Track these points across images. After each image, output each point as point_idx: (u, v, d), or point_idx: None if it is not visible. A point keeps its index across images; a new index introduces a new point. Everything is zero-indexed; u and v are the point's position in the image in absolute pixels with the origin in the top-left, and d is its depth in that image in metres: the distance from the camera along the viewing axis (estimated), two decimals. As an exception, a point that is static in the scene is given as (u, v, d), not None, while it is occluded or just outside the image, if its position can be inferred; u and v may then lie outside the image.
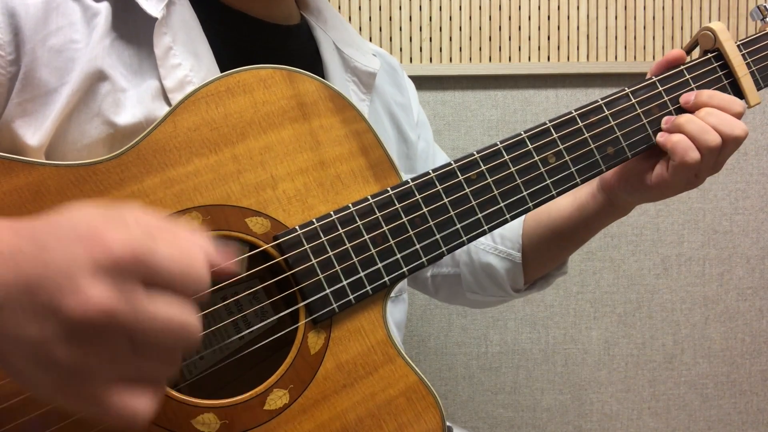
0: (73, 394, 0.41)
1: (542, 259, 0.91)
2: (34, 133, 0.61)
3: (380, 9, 1.40)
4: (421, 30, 1.41)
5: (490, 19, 1.42)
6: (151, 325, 0.40)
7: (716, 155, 0.71)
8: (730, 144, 0.71)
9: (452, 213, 0.65)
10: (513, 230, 0.91)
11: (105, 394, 0.40)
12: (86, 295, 0.38)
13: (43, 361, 0.40)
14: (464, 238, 0.65)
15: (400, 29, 1.41)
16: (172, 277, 0.41)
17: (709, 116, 0.71)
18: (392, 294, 0.65)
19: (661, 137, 0.72)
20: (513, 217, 0.67)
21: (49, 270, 0.39)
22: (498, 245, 0.92)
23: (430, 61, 1.42)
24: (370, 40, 1.39)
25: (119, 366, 0.40)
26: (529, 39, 1.42)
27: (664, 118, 0.72)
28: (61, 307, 0.39)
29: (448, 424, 0.95)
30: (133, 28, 0.66)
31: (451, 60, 1.42)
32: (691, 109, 0.73)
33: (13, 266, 0.40)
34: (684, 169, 0.71)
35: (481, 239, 0.93)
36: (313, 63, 0.82)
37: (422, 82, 1.41)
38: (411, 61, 1.41)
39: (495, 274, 0.92)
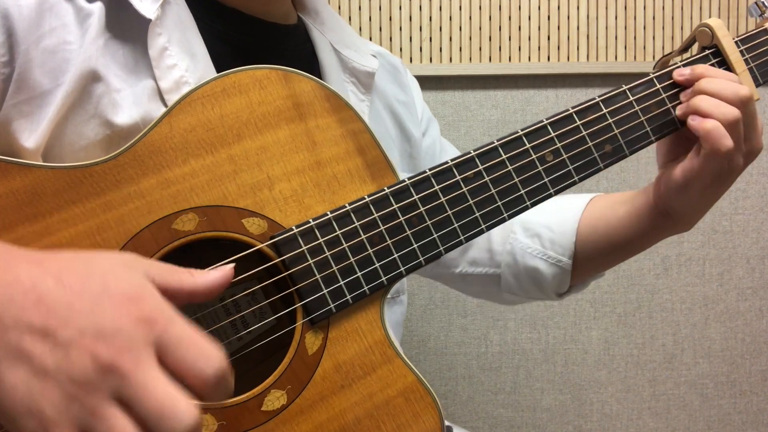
0: (33, 422, 0.41)
1: (593, 266, 0.89)
2: (29, 135, 0.61)
3: (380, 9, 1.40)
4: (421, 30, 1.41)
5: (490, 19, 1.42)
6: (142, 391, 0.41)
7: (737, 128, 0.69)
8: (741, 109, 0.69)
9: (449, 212, 0.65)
10: (565, 235, 0.88)
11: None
12: (103, 345, 0.40)
13: (31, 398, 0.40)
14: (462, 237, 0.65)
15: (400, 29, 1.41)
16: (184, 356, 0.43)
17: (711, 84, 0.70)
18: (390, 295, 0.65)
19: (692, 120, 0.70)
20: (510, 216, 0.67)
21: (75, 314, 0.41)
22: (548, 250, 0.89)
23: (430, 61, 1.42)
24: (370, 40, 1.39)
25: (92, 416, 0.41)
26: (529, 39, 1.42)
27: (683, 93, 0.72)
28: (76, 347, 0.40)
29: (447, 423, 0.95)
30: (127, 28, 0.65)
31: (451, 60, 1.42)
32: (688, 83, 0.72)
33: (34, 298, 0.41)
34: (716, 157, 0.69)
35: (528, 242, 0.91)
36: (310, 64, 0.81)
37: (422, 82, 1.39)
38: (411, 61, 1.41)
39: (540, 279, 0.90)
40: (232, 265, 0.51)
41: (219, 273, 0.50)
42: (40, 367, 0.41)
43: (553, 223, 0.90)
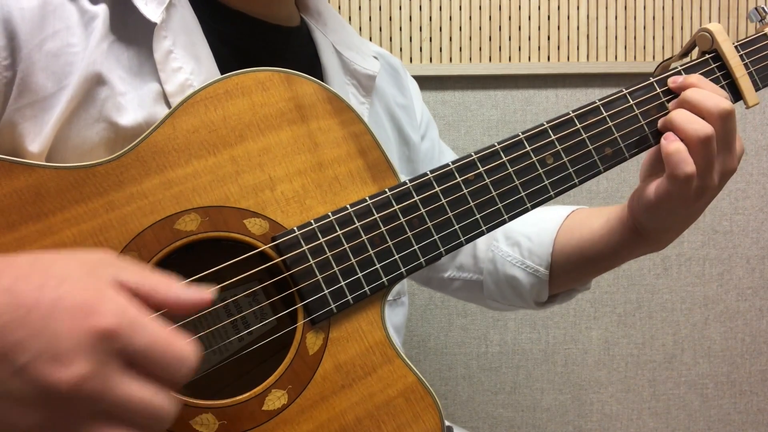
0: None
1: (569, 279, 0.89)
2: (34, 139, 0.60)
3: (380, 9, 1.40)
4: (421, 30, 1.41)
5: (490, 19, 1.42)
6: (122, 405, 0.41)
7: (709, 146, 0.67)
8: (718, 123, 0.67)
9: (450, 214, 0.65)
10: (543, 246, 0.89)
11: None
12: (67, 367, 0.40)
13: (5, 414, 0.41)
14: (462, 239, 0.65)
15: (400, 29, 1.41)
16: (154, 360, 0.43)
17: (695, 93, 0.69)
18: (391, 297, 0.66)
19: (664, 139, 0.69)
20: (511, 218, 0.67)
21: (31, 333, 0.40)
22: (526, 260, 0.90)
23: (430, 61, 1.42)
24: (370, 40, 1.39)
25: None
26: (529, 39, 1.43)
27: (660, 120, 0.72)
28: (38, 372, 0.40)
29: (448, 423, 0.95)
30: (132, 31, 0.65)
31: (451, 60, 1.42)
32: (678, 90, 0.72)
33: None
34: (677, 181, 0.68)
35: (509, 250, 0.92)
36: (312, 65, 0.81)
37: (422, 82, 1.40)
38: (411, 61, 1.41)
39: (519, 287, 0.91)
40: (213, 294, 0.50)
41: (196, 294, 0.48)
42: (8, 393, 0.40)
43: (532, 234, 0.91)
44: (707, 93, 0.69)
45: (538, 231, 0.90)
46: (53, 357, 0.40)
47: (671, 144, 0.68)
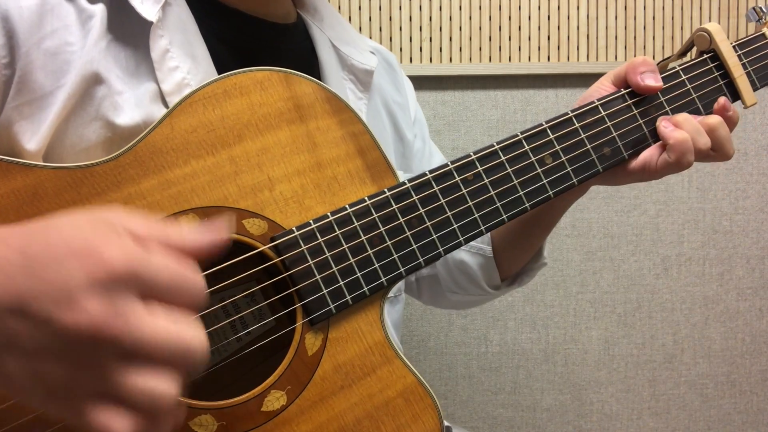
0: (60, 405, 0.41)
1: (513, 250, 0.89)
2: (31, 137, 0.60)
3: (380, 9, 1.40)
4: (421, 30, 1.41)
5: (490, 19, 1.42)
6: (147, 340, 0.40)
7: (700, 159, 0.71)
8: (717, 155, 0.71)
9: (449, 213, 0.65)
10: None
11: (88, 409, 0.40)
12: (81, 309, 0.39)
13: (33, 370, 0.40)
14: (461, 239, 0.65)
15: (400, 29, 1.41)
16: (168, 288, 0.42)
17: (717, 123, 0.71)
18: (390, 294, 0.65)
19: (665, 129, 0.71)
20: (510, 218, 0.67)
21: (43, 284, 0.40)
22: None
23: (430, 61, 1.42)
24: (370, 39, 1.39)
25: (108, 383, 0.40)
26: (529, 39, 1.42)
27: (662, 118, 0.72)
28: (55, 319, 0.39)
29: (447, 424, 0.95)
30: (129, 30, 0.65)
31: (451, 60, 1.42)
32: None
33: (3, 278, 0.40)
34: (675, 168, 0.71)
35: None
36: (310, 62, 0.81)
37: (422, 82, 1.41)
38: (411, 61, 1.41)
39: (469, 271, 0.91)
40: (225, 230, 0.47)
41: (210, 233, 0.46)
42: (31, 348, 0.40)
43: None
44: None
45: None
46: (66, 302, 0.39)
47: (678, 132, 0.70)
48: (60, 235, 0.42)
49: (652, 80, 0.72)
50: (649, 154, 0.72)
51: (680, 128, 0.70)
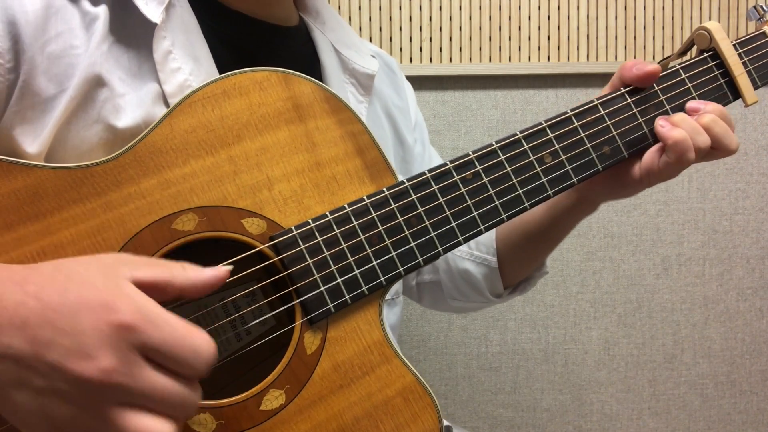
0: None
1: (518, 262, 0.90)
2: (33, 141, 0.60)
3: (380, 9, 1.40)
4: (421, 30, 1.41)
5: (490, 19, 1.42)
6: (149, 391, 0.45)
7: (702, 157, 0.71)
8: (719, 151, 0.71)
9: (448, 212, 0.65)
10: (487, 235, 0.90)
11: None
12: (92, 360, 0.43)
13: (41, 406, 0.44)
14: (460, 238, 0.65)
15: (400, 29, 1.41)
16: (169, 353, 0.46)
17: (711, 121, 0.71)
18: (388, 297, 0.66)
19: (662, 128, 0.70)
20: (509, 217, 0.67)
21: (58, 334, 0.44)
22: (473, 251, 0.92)
23: (430, 61, 1.42)
24: (370, 40, 1.40)
25: (110, 424, 0.44)
26: (529, 39, 1.43)
27: (659, 118, 0.72)
28: (68, 368, 0.43)
29: (447, 423, 0.95)
30: (132, 31, 0.65)
31: (451, 60, 1.42)
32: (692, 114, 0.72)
33: (19, 323, 0.44)
34: (677, 168, 0.70)
35: None
36: (311, 64, 0.82)
37: (422, 82, 1.41)
38: (411, 61, 1.41)
39: (473, 280, 0.92)
40: (229, 268, 0.53)
41: (213, 272, 0.51)
42: (41, 389, 0.44)
43: None
44: (724, 125, 0.71)
45: None
46: (81, 353, 0.43)
47: (675, 131, 0.69)
48: (78, 289, 0.45)
49: (647, 66, 0.71)
50: (650, 158, 0.71)
51: (678, 127, 0.70)
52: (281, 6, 0.79)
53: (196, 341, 0.47)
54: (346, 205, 0.62)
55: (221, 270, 0.52)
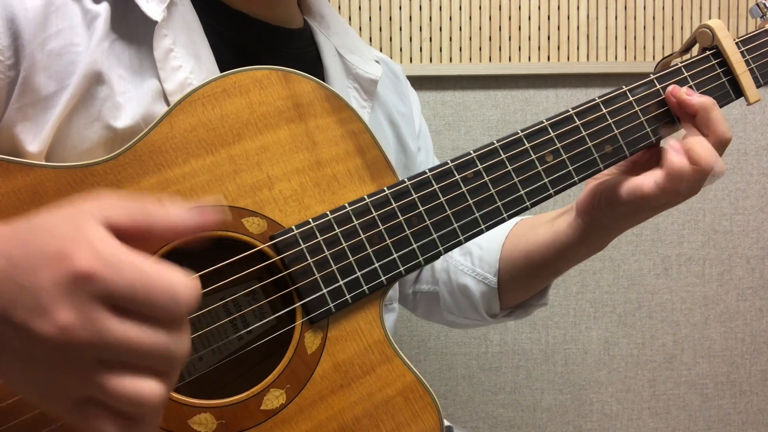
0: (52, 405, 0.42)
1: (517, 286, 0.88)
2: (33, 139, 0.60)
3: (380, 9, 1.40)
4: (421, 30, 1.41)
5: (490, 19, 1.42)
6: (119, 345, 0.40)
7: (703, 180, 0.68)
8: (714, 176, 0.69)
9: (449, 212, 0.65)
10: (491, 253, 0.88)
11: (76, 410, 0.41)
12: (50, 317, 0.39)
13: (25, 371, 0.42)
14: (461, 237, 0.65)
15: (400, 29, 1.41)
16: (136, 299, 0.40)
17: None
18: (384, 302, 0.65)
19: (669, 153, 0.68)
20: (510, 216, 0.67)
21: (20, 291, 0.40)
22: (476, 267, 0.90)
23: (430, 61, 1.42)
24: (370, 40, 1.39)
25: (89, 387, 0.41)
26: (529, 39, 1.42)
27: (685, 88, 0.70)
28: (31, 327, 0.39)
29: (447, 423, 0.95)
30: (133, 29, 0.65)
31: (451, 60, 1.42)
32: (675, 106, 0.71)
33: None
34: (677, 197, 0.69)
35: (461, 259, 0.91)
36: (314, 68, 0.81)
37: (422, 82, 1.41)
38: (411, 61, 1.41)
39: (471, 296, 0.90)
40: (218, 206, 0.48)
41: (198, 214, 0.45)
42: (20, 352, 0.41)
43: (483, 241, 0.90)
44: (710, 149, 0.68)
45: (488, 239, 0.90)
46: (39, 309, 0.39)
47: (683, 160, 0.67)
48: (37, 240, 0.41)
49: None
50: (646, 181, 0.70)
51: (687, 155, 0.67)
52: (283, 7, 0.79)
53: (169, 281, 0.41)
54: (346, 205, 0.62)
55: (209, 214, 0.46)
